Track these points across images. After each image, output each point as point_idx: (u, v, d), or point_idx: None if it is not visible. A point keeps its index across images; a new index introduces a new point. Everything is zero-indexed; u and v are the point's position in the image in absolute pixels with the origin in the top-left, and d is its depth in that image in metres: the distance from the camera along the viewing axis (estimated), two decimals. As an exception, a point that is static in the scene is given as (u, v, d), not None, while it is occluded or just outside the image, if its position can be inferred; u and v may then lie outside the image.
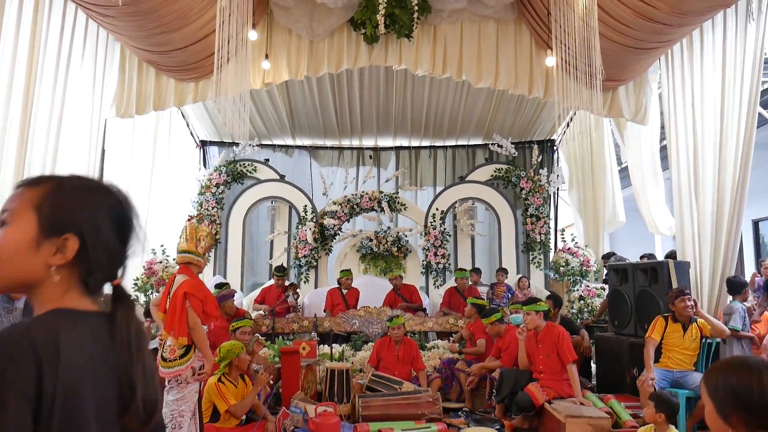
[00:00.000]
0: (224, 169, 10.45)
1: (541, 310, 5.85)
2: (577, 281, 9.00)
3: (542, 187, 10.33)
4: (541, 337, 5.86)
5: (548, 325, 5.90)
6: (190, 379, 4.13)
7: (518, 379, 5.90)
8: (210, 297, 4.22)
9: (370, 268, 10.36)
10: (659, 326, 5.62)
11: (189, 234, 4.41)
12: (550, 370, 5.73)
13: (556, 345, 5.70)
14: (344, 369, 6.25)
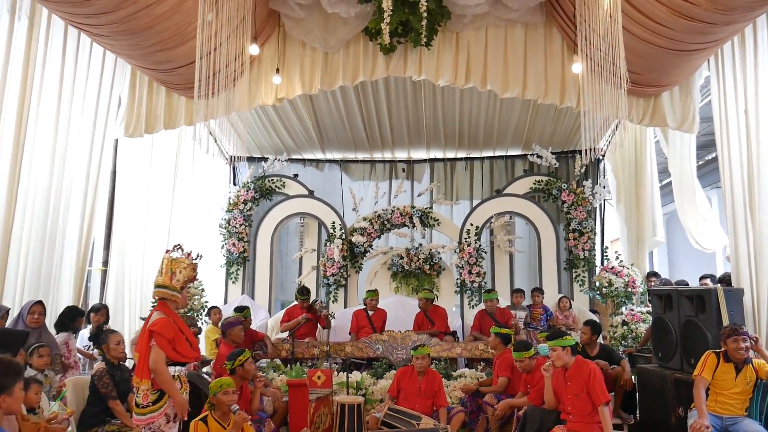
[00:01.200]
0: (252, 185, 10.21)
1: (568, 345, 5.26)
2: (621, 303, 8.29)
3: (586, 200, 9.64)
4: (570, 373, 5.26)
5: (578, 360, 5.30)
6: (164, 427, 3.78)
7: (544, 420, 5.32)
8: (180, 337, 3.87)
9: (401, 287, 9.90)
10: (710, 364, 4.94)
11: (165, 267, 4.10)
12: (579, 412, 5.13)
13: (587, 384, 5.09)
14: (356, 403, 5.80)
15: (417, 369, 6.32)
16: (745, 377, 4.79)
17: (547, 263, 9.60)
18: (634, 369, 6.62)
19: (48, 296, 5.94)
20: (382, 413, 6.12)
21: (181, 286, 4.03)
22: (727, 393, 4.80)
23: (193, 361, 4.01)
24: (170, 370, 3.87)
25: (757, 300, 5.82)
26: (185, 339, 3.94)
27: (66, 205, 6.19)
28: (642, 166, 9.11)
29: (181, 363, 3.92)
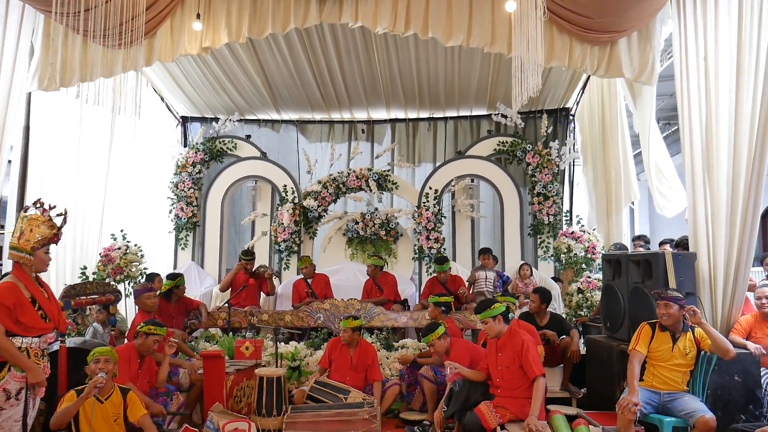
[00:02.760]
0: (202, 147, 9.68)
1: (498, 314, 4.80)
2: (581, 271, 7.83)
3: (552, 161, 9.11)
4: (502, 344, 4.82)
5: (511, 330, 4.85)
6: (5, 405, 3.34)
7: (471, 393, 4.88)
8: (24, 305, 3.40)
9: (357, 254, 9.44)
10: (645, 336, 4.52)
11: (17, 226, 3.61)
12: (508, 385, 4.71)
13: (519, 356, 4.66)
14: (275, 376, 5.37)
15: (343, 341, 5.90)
16: (683, 348, 4.35)
17: (510, 229, 9.14)
18: (585, 340, 6.22)
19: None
20: (308, 386, 5.72)
21: (32, 246, 3.54)
22: (665, 365, 4.38)
23: (48, 333, 3.54)
24: (17, 340, 3.41)
25: (713, 265, 5.35)
26: (35, 307, 3.46)
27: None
28: (611, 127, 8.57)
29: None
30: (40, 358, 3.50)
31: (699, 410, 4.10)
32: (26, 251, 3.53)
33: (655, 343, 4.44)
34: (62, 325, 3.68)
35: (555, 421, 4.60)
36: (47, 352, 3.59)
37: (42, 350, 3.52)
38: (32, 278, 3.55)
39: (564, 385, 6.11)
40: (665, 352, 4.39)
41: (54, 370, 4.81)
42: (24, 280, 3.50)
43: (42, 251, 3.54)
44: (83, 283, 5.52)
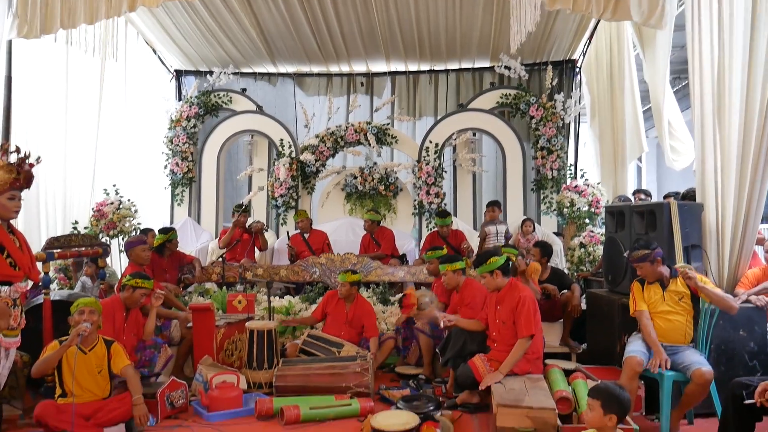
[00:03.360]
0: (196, 101, 9.43)
1: (496, 268, 4.61)
2: (583, 226, 7.63)
3: (556, 115, 8.83)
4: (501, 297, 4.65)
5: (511, 283, 4.66)
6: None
7: (467, 342, 4.76)
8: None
9: (356, 209, 9.26)
10: (638, 293, 4.35)
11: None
12: (504, 340, 4.55)
13: (514, 312, 4.48)
14: (266, 329, 5.25)
15: (340, 296, 5.76)
16: (674, 293, 4.18)
17: (513, 184, 8.91)
18: (586, 294, 6.05)
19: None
20: (301, 340, 5.61)
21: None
22: (662, 317, 4.20)
23: (18, 281, 3.39)
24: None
25: (721, 217, 5.11)
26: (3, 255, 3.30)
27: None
28: (620, 79, 8.25)
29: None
30: (11, 307, 3.35)
31: (696, 363, 3.94)
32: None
33: (647, 295, 4.28)
34: (34, 274, 3.52)
35: (552, 374, 4.47)
36: (19, 301, 3.44)
37: (13, 300, 3.37)
38: (2, 225, 3.38)
39: (564, 340, 5.96)
40: (657, 302, 4.22)
41: (39, 323, 4.74)
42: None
43: (4, 197, 3.34)
44: (68, 235, 5.36)
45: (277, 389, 4.83)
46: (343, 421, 4.35)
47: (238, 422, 4.33)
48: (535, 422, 3.61)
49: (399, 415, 4.05)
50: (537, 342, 4.51)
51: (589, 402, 2.99)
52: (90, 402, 4.06)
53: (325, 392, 4.73)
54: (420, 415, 4.09)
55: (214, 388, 4.58)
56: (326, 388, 4.78)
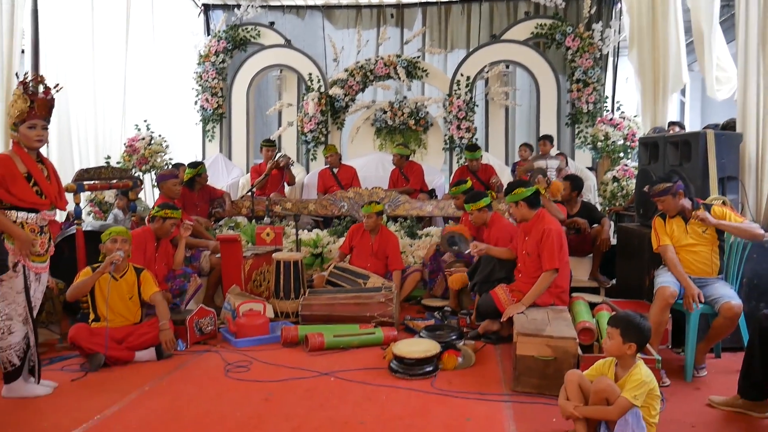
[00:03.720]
0: (224, 35, 9.32)
1: (520, 199, 4.51)
2: (618, 160, 7.41)
3: (593, 45, 8.48)
4: (528, 228, 4.57)
5: (539, 215, 4.56)
6: (4, 276, 3.31)
7: (495, 269, 4.74)
8: (16, 177, 3.27)
9: (386, 144, 9.17)
10: (660, 228, 4.19)
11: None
12: (528, 272, 4.51)
13: (538, 244, 4.41)
14: (292, 260, 5.31)
15: (366, 227, 5.77)
16: (697, 225, 4.04)
17: (547, 117, 8.68)
18: (617, 228, 5.92)
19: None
20: (328, 271, 5.67)
21: (14, 122, 3.38)
22: (686, 249, 4.07)
23: (45, 209, 3.45)
24: (12, 214, 3.33)
25: (762, 148, 4.90)
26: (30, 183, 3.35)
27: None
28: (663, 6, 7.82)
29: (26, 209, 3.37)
30: (38, 234, 3.42)
31: (725, 296, 3.83)
32: (12, 127, 3.39)
33: (669, 229, 4.14)
34: (61, 203, 3.57)
35: (576, 306, 4.43)
36: (47, 229, 3.52)
37: (40, 227, 3.44)
38: (31, 155, 3.42)
39: (593, 274, 5.90)
40: (681, 235, 4.09)
41: (74, 253, 4.88)
42: (21, 155, 3.37)
43: (24, 126, 3.36)
44: (98, 168, 5.44)
45: (303, 318, 4.93)
46: (367, 349, 4.41)
47: (264, 348, 4.43)
48: (556, 351, 3.59)
49: (420, 343, 4.08)
50: (562, 276, 4.45)
51: (609, 330, 2.95)
52: (122, 327, 4.21)
53: (349, 321, 4.81)
54: (442, 344, 4.11)
55: (242, 315, 4.68)
56: (351, 318, 4.85)
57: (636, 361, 2.90)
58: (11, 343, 3.43)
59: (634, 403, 2.71)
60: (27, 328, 3.48)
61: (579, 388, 2.90)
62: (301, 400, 3.46)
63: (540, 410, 3.33)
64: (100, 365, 3.96)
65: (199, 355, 4.33)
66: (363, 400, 3.48)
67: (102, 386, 3.70)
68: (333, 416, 3.23)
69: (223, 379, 3.82)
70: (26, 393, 3.50)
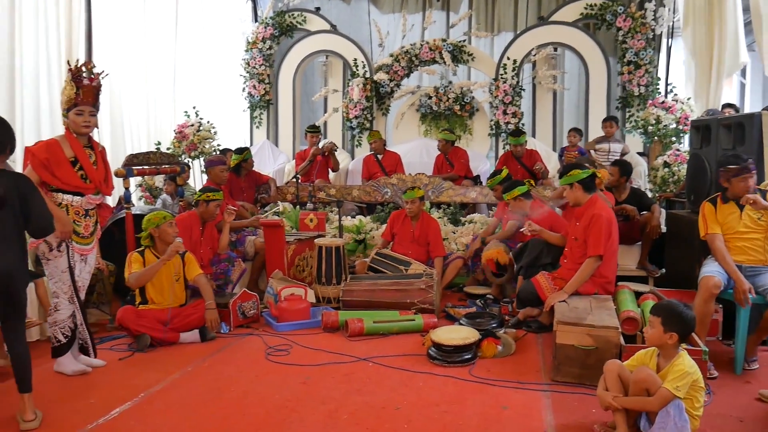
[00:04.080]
0: (271, 21, 9.39)
1: (575, 181, 4.38)
2: (670, 144, 7.16)
3: (646, 26, 8.19)
4: (579, 213, 4.45)
5: (591, 201, 4.41)
6: (49, 255, 3.44)
7: (542, 254, 4.69)
8: (61, 162, 3.36)
9: (431, 130, 9.10)
10: (710, 215, 4.00)
11: (64, 90, 3.55)
12: (573, 258, 4.42)
13: (586, 229, 4.31)
14: (334, 246, 5.35)
15: (408, 214, 5.75)
16: (753, 214, 3.85)
17: (596, 101, 8.44)
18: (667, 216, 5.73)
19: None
20: (370, 258, 5.69)
21: (64, 107, 3.49)
22: (739, 236, 3.91)
23: (89, 193, 3.55)
24: (58, 196, 3.46)
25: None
26: (73, 166, 3.46)
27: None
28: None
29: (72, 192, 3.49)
30: (82, 216, 3.54)
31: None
32: (63, 114, 3.50)
33: (721, 216, 3.95)
34: (106, 188, 3.67)
35: (620, 295, 4.31)
36: (92, 212, 3.64)
37: (85, 210, 3.56)
38: (80, 140, 3.52)
39: (641, 263, 5.71)
40: (734, 221, 3.91)
41: (124, 235, 5.04)
42: (70, 140, 3.48)
43: (72, 113, 3.46)
44: (146, 153, 5.58)
45: (344, 303, 4.97)
46: (406, 335, 4.42)
47: (304, 333, 4.50)
48: (597, 341, 3.52)
49: (459, 330, 4.06)
50: (607, 266, 4.34)
51: (650, 319, 2.87)
52: (167, 309, 4.33)
53: (390, 308, 4.82)
54: (481, 331, 4.08)
55: (284, 300, 4.75)
56: (391, 304, 4.86)
57: (679, 351, 2.81)
58: (57, 320, 3.57)
59: (676, 394, 2.64)
60: (73, 307, 3.61)
61: (618, 379, 2.84)
62: (338, 384, 3.50)
63: (579, 400, 3.28)
64: (146, 345, 4.10)
65: (242, 337, 4.42)
66: (400, 385, 3.49)
67: (147, 365, 3.83)
68: (369, 401, 3.25)
69: (263, 362, 3.89)
70: (69, 369, 3.63)
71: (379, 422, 3.00)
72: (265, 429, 2.93)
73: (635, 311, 3.99)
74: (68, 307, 3.58)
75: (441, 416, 3.07)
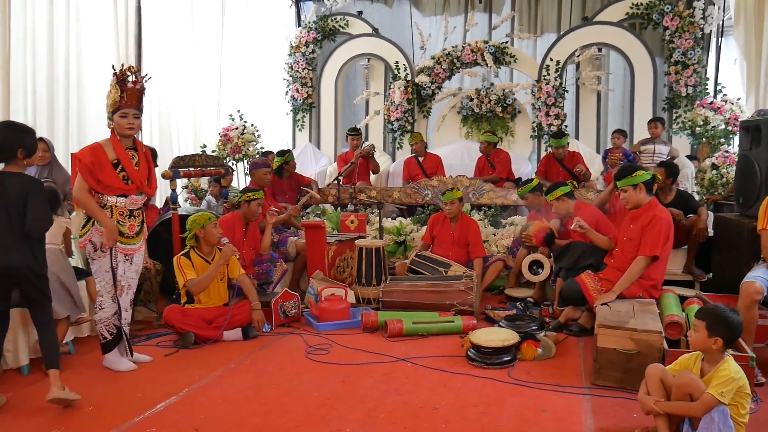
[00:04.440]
0: (314, 26, 9.52)
1: (641, 182, 4.29)
2: (718, 146, 6.98)
3: (694, 24, 8.00)
4: (638, 214, 4.34)
5: (652, 202, 4.31)
6: (94, 255, 3.57)
7: (584, 255, 4.61)
8: (104, 164, 3.48)
9: (472, 132, 9.07)
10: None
11: (109, 93, 3.67)
12: (623, 257, 4.31)
13: (644, 229, 4.22)
14: (374, 247, 5.39)
15: (447, 215, 5.76)
16: None
17: (642, 103, 8.28)
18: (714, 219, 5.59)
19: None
20: (410, 259, 5.71)
21: (109, 110, 3.61)
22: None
23: (132, 194, 3.65)
24: (103, 198, 3.58)
25: None
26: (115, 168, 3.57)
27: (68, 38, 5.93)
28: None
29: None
30: (126, 217, 3.65)
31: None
32: (108, 116, 3.62)
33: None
34: (148, 189, 3.77)
35: (665, 299, 4.23)
36: (137, 212, 3.74)
37: (129, 210, 3.66)
38: (124, 142, 3.64)
39: (687, 267, 5.58)
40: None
41: (170, 236, 5.18)
42: (114, 142, 3.60)
43: (117, 115, 3.57)
44: (192, 155, 5.72)
45: (384, 304, 5.00)
46: (445, 337, 4.42)
47: (344, 333, 4.54)
48: (639, 345, 3.46)
49: (499, 332, 4.05)
50: (657, 269, 4.24)
51: (695, 323, 2.81)
52: (212, 308, 4.44)
53: (429, 309, 4.83)
54: (521, 333, 4.06)
55: (324, 300, 4.81)
56: (431, 305, 4.87)
57: (725, 356, 2.75)
58: (101, 318, 3.70)
59: (720, 400, 2.57)
60: (116, 306, 3.72)
61: (661, 383, 2.79)
62: (377, 383, 3.53)
63: (620, 405, 3.23)
64: (190, 343, 4.20)
65: (283, 336, 4.49)
66: (438, 386, 3.50)
67: (192, 362, 3.94)
68: (407, 401, 3.27)
69: (303, 361, 3.95)
70: (115, 366, 3.75)
71: (417, 422, 3.02)
72: (304, 426, 2.98)
73: (679, 315, 3.91)
74: (111, 306, 3.70)
75: (479, 417, 3.07)
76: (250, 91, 9.01)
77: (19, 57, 5.34)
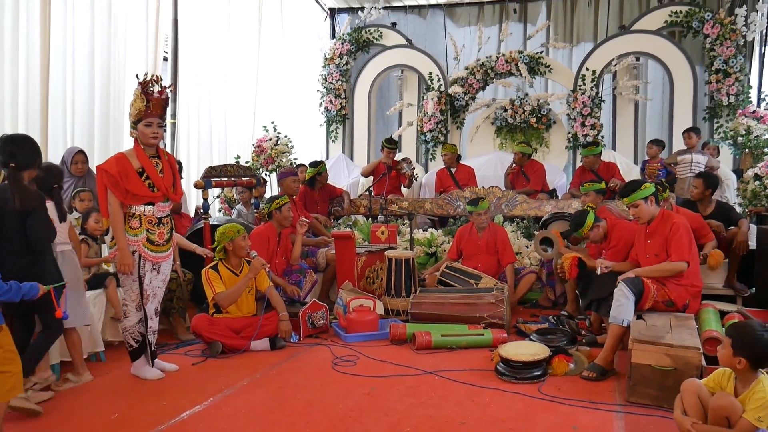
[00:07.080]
0: (348, 38, 9.57)
1: (650, 194, 4.16)
2: (761, 156, 6.74)
3: (736, 32, 7.78)
4: (652, 229, 4.25)
5: (663, 213, 4.25)
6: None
7: (610, 282, 4.45)
8: (130, 173, 3.51)
9: (506, 143, 8.97)
10: None
11: (133, 103, 3.72)
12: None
13: (667, 239, 4.10)
14: (404, 258, 5.34)
15: (476, 226, 5.69)
16: None
17: (681, 112, 8.08)
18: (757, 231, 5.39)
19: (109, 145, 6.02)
20: (439, 271, 5.64)
21: (133, 120, 3.65)
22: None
23: (159, 201, 3.68)
24: (131, 207, 3.62)
25: None
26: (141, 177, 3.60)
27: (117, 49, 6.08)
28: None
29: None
30: (155, 225, 3.67)
31: None
32: (132, 125, 3.67)
33: None
34: (174, 196, 3.79)
35: (704, 314, 4.08)
36: (166, 219, 3.76)
37: (157, 218, 3.69)
38: (148, 151, 3.67)
39: (728, 281, 5.36)
40: None
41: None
42: (137, 151, 3.64)
43: (141, 125, 3.61)
44: (224, 165, 5.78)
45: (413, 316, 4.94)
46: (474, 350, 4.34)
47: (372, 344, 4.49)
48: (676, 361, 3.33)
49: (529, 346, 3.95)
50: (695, 275, 4.10)
51: (724, 339, 2.69)
52: (240, 318, 4.45)
53: (459, 321, 4.76)
54: (552, 348, 3.96)
55: (352, 311, 4.78)
56: (460, 318, 4.80)
57: (758, 375, 2.61)
58: (127, 326, 3.74)
59: (758, 426, 2.45)
60: (141, 314, 3.75)
61: (698, 400, 2.67)
62: (403, 396, 3.47)
63: (654, 423, 3.11)
64: (218, 352, 4.21)
65: (310, 347, 4.47)
66: (465, 400, 3.42)
67: (218, 371, 3.94)
68: (433, 414, 3.21)
69: (329, 372, 3.92)
70: (142, 374, 3.79)
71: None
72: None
73: (718, 331, 3.76)
74: (136, 315, 3.73)
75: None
76: (285, 103, 9.09)
77: (58, 70, 5.46)
